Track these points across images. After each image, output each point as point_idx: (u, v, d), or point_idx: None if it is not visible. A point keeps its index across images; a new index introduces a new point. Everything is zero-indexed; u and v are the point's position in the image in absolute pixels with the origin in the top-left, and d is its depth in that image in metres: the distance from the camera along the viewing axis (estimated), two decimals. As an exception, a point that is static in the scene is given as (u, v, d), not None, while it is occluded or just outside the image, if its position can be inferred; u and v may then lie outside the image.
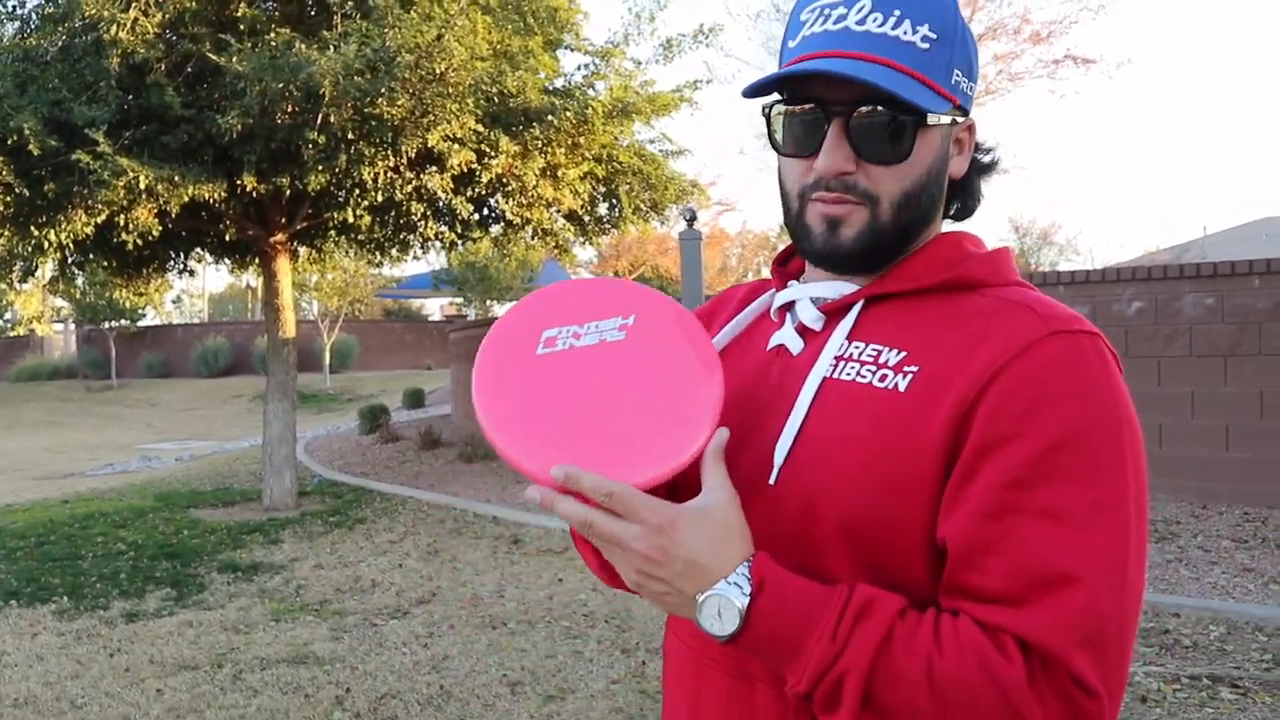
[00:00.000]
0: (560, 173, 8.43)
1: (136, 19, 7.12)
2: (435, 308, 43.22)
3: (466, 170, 7.92)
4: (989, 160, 1.14)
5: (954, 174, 1.09)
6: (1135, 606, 0.91)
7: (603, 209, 9.80)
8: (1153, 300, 7.32)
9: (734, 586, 0.91)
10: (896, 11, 0.99)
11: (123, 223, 7.56)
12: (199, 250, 10.49)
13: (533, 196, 8.49)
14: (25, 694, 4.59)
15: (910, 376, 0.97)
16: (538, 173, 8.17)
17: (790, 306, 1.12)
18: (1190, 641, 4.63)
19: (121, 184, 6.91)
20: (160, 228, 7.80)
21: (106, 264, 9.68)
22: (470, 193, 8.40)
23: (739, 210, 60.96)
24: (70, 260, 9.37)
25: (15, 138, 6.96)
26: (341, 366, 30.30)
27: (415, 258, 11.08)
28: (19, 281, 9.56)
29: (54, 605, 6.12)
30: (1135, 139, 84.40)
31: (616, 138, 8.86)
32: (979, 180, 1.14)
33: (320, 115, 7.09)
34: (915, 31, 0.99)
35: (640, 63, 8.90)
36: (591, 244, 10.38)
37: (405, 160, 7.68)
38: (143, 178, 6.91)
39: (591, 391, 1.00)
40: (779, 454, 1.01)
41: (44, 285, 10.93)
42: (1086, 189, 73.58)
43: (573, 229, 9.84)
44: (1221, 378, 7.04)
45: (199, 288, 50.77)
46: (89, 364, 32.32)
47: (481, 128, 7.65)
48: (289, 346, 9.45)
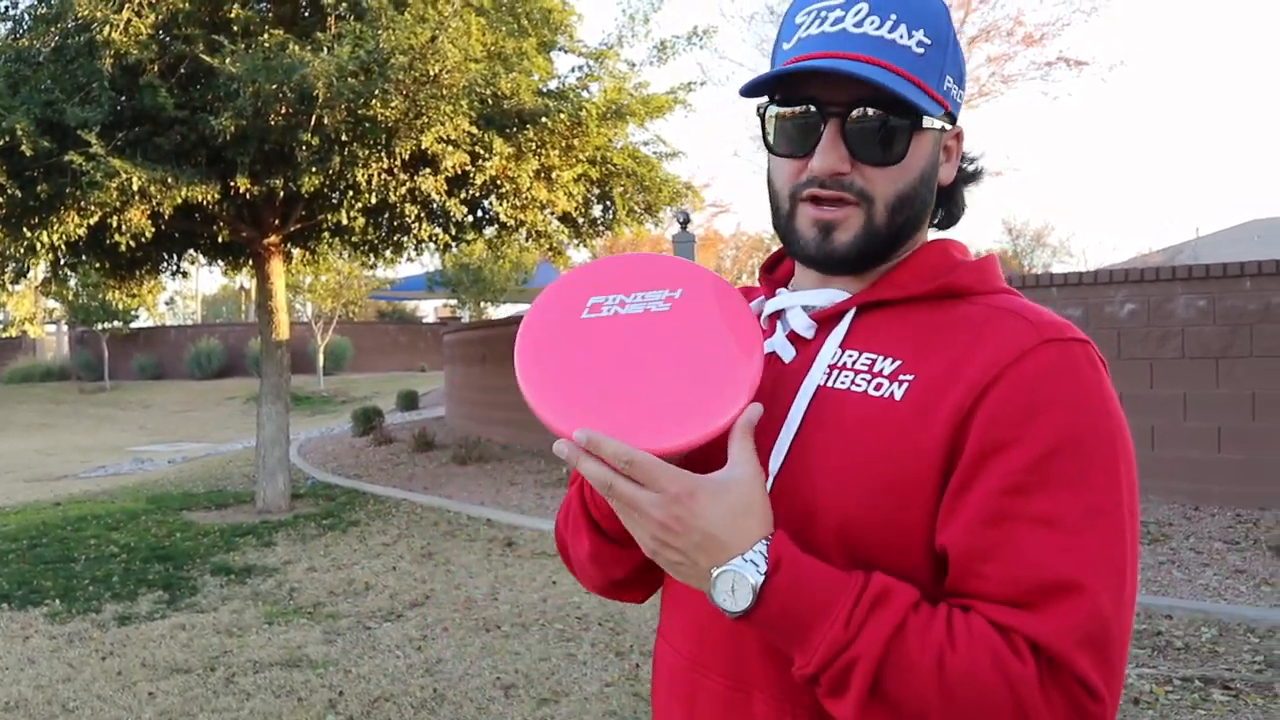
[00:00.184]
0: (554, 175, 8.43)
1: (129, 20, 7.11)
2: (429, 310, 43.22)
3: (460, 172, 7.92)
4: (974, 169, 1.15)
5: (942, 181, 1.10)
6: (1131, 609, 0.92)
7: (597, 211, 9.80)
8: (1145, 302, 7.34)
9: (750, 563, 0.91)
10: (893, 16, 1.00)
11: (115, 224, 7.54)
12: (192, 252, 10.47)
13: (527, 198, 8.49)
14: (16, 697, 4.57)
15: (906, 385, 0.98)
16: (532, 175, 8.17)
17: (780, 314, 1.13)
18: (1182, 643, 4.64)
19: (114, 185, 6.90)
20: (153, 229, 7.78)
21: (99, 265, 9.65)
22: (464, 195, 8.40)
23: (733, 212, 61.04)
24: (63, 262, 9.35)
25: (7, 139, 6.94)
26: (335, 368, 30.27)
27: (409, 260, 11.08)
28: (11, 283, 9.52)
29: (46, 608, 6.10)
30: (1128, 141, 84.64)
31: (611, 140, 8.86)
32: (964, 189, 1.15)
33: (314, 117, 7.08)
34: (911, 36, 1.00)
35: (634, 65, 8.91)
36: (586, 246, 10.38)
37: (399, 162, 7.67)
38: (135, 179, 6.90)
39: (629, 358, 1.02)
40: (774, 462, 1.01)
41: (36, 287, 10.90)
42: (1079, 191, 73.75)
43: (567, 231, 9.84)
44: (1213, 379, 7.06)
45: (192, 289, 50.60)
46: (82, 366, 32.24)
47: (475, 129, 7.65)
48: (283, 348, 9.44)
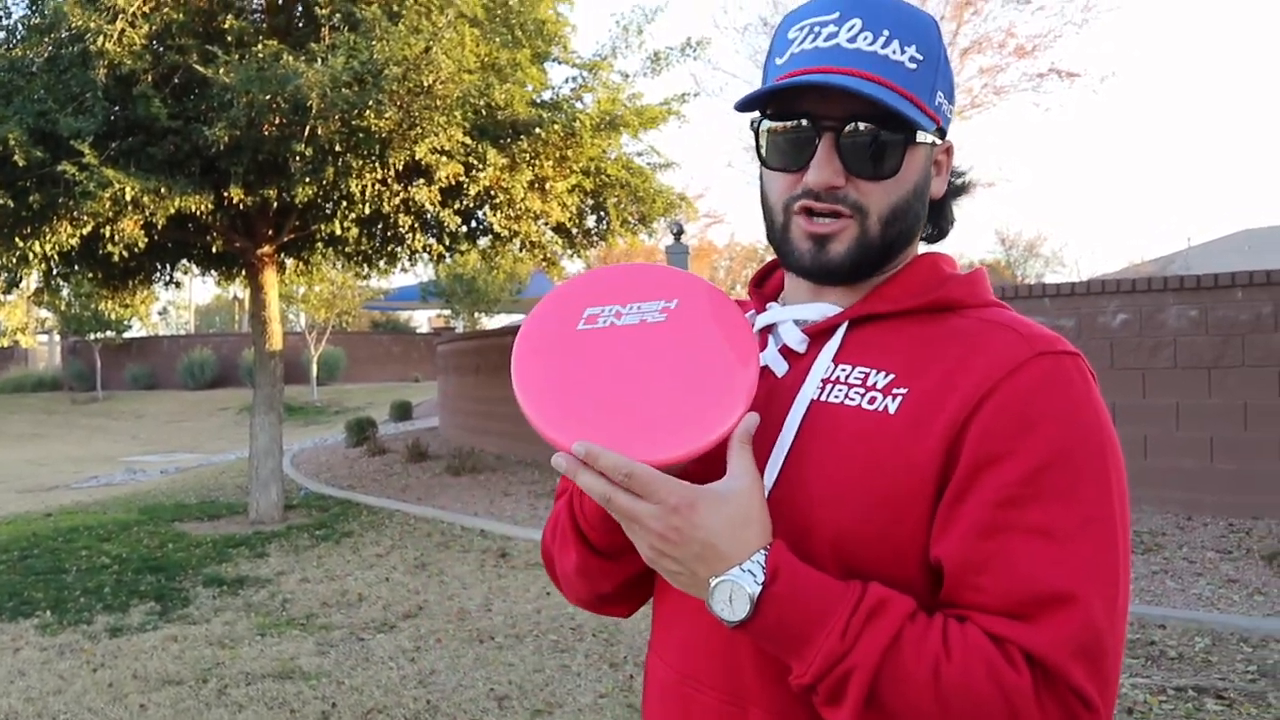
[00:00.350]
0: (548, 185, 8.44)
1: (123, 30, 7.11)
2: (423, 320, 43.12)
3: (454, 183, 7.92)
4: (962, 183, 1.16)
5: (933, 194, 1.11)
6: (1124, 617, 0.93)
7: (591, 222, 9.82)
8: (1137, 312, 7.36)
9: (747, 574, 0.92)
10: (886, 31, 1.01)
11: (108, 234, 7.53)
12: (185, 262, 10.46)
13: (520, 209, 8.50)
14: (6, 710, 4.54)
15: (900, 399, 0.99)
16: (525, 185, 8.18)
17: (772, 328, 1.13)
18: (1176, 653, 4.65)
19: (107, 195, 6.89)
20: (146, 239, 7.77)
21: (92, 275, 9.64)
22: (458, 205, 8.40)
23: (727, 222, 61.09)
24: (55, 272, 9.34)
25: (0, 149, 6.94)
26: (329, 379, 30.21)
27: (403, 270, 11.08)
28: (3, 293, 9.50)
29: (36, 620, 6.07)
30: (1119, 151, 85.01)
31: (604, 150, 8.88)
32: (952, 203, 1.16)
33: (308, 127, 7.09)
34: (904, 52, 1.01)
35: (628, 75, 8.94)
36: (579, 256, 10.39)
37: (393, 172, 7.68)
38: (129, 189, 6.89)
39: (625, 369, 1.02)
40: (768, 476, 1.02)
41: (29, 297, 10.90)
42: (1072, 201, 74.01)
43: (561, 241, 9.85)
44: (1206, 389, 7.07)
45: (185, 299, 50.48)
46: (74, 376, 32.15)
47: (469, 140, 7.66)
48: (276, 359, 9.42)
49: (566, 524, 1.14)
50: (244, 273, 9.98)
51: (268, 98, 6.93)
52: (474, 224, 9.67)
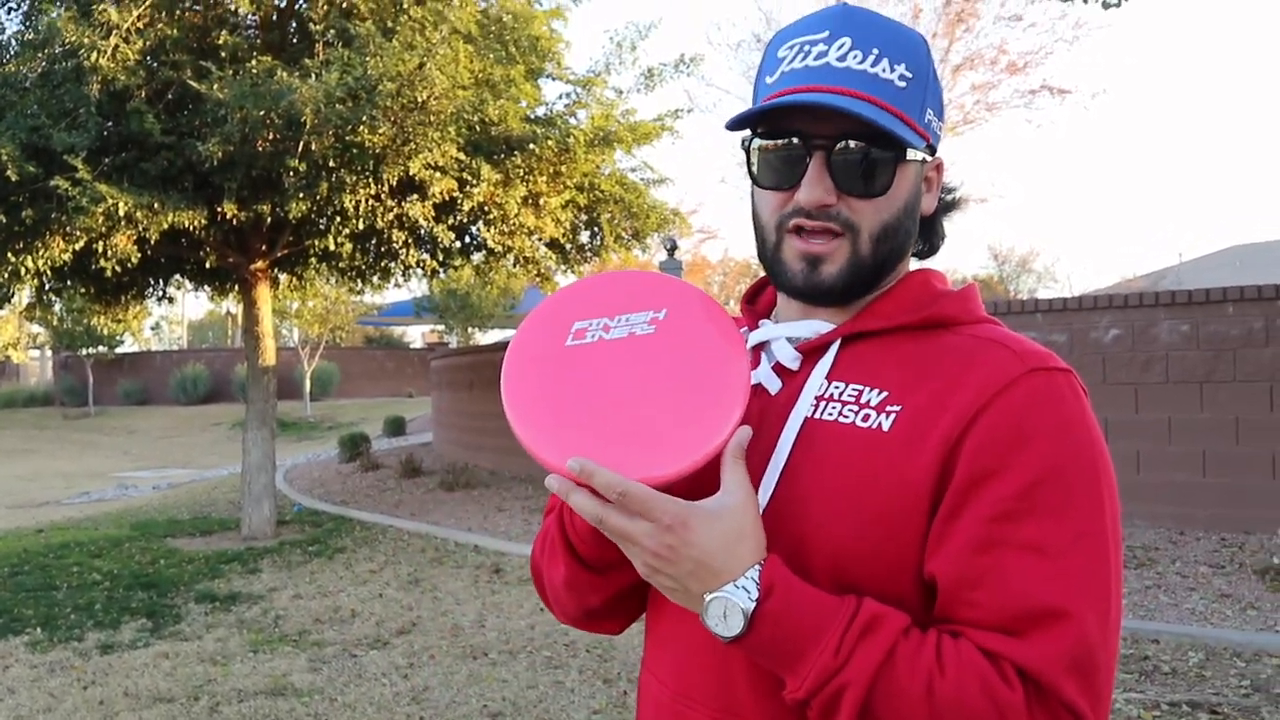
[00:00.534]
0: (542, 201, 8.46)
1: (117, 46, 7.12)
2: (417, 335, 43.11)
3: (448, 198, 7.94)
4: (953, 199, 1.17)
5: (924, 211, 1.11)
6: (1117, 632, 0.94)
7: (584, 237, 9.83)
8: (1129, 328, 7.38)
9: (741, 590, 0.92)
10: (875, 50, 1.01)
11: (101, 249, 7.52)
12: (178, 277, 10.46)
13: (514, 224, 8.51)
14: (-4, 728, 4.52)
15: (893, 416, 0.99)
16: (519, 201, 8.19)
17: (765, 346, 1.13)
18: (1169, 668, 4.64)
19: (100, 211, 6.89)
20: (139, 254, 7.77)
21: (84, 290, 9.63)
22: (452, 221, 8.41)
23: (721, 238, 61.15)
24: (48, 287, 9.32)
25: (-7, 164, 6.93)
26: (322, 394, 30.14)
27: (396, 285, 11.08)
28: (-5, 308, 9.49)
29: (27, 637, 6.03)
30: (1111, 167, 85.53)
31: (598, 166, 8.90)
32: (942, 219, 1.17)
33: (301, 143, 7.10)
34: (893, 70, 1.02)
35: (622, 92, 8.97)
36: (573, 272, 10.41)
37: (387, 188, 7.69)
38: (122, 204, 6.89)
39: (615, 385, 1.01)
40: (763, 494, 1.02)
41: (21, 312, 10.87)
42: (1064, 216, 74.41)
43: (554, 257, 9.86)
44: (1198, 404, 7.10)
45: (178, 314, 50.35)
46: (66, 391, 32.04)
47: (463, 156, 7.67)
48: (269, 374, 9.41)
49: (556, 537, 1.13)
50: (237, 288, 9.98)
51: (261, 113, 6.94)
52: (468, 239, 9.68)
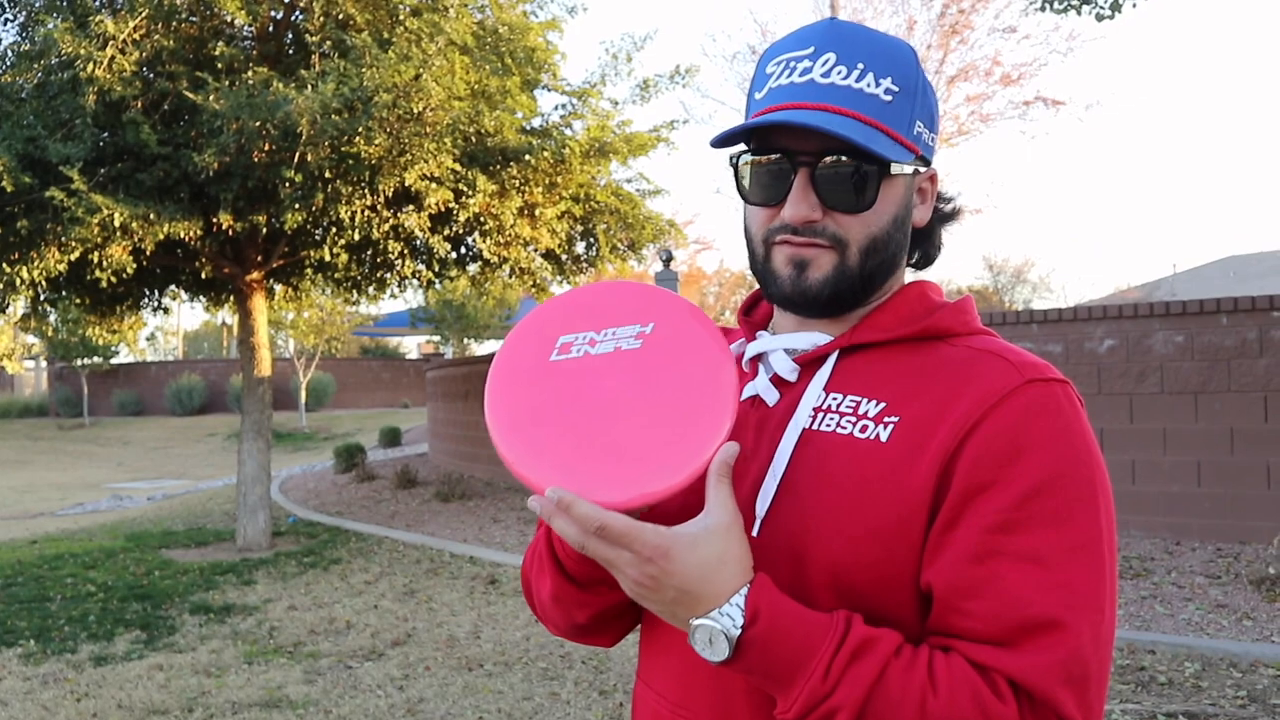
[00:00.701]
0: (538, 212, 8.47)
1: (113, 57, 7.13)
2: (412, 346, 43.08)
3: (444, 209, 7.94)
4: (950, 209, 1.17)
5: (917, 222, 1.11)
6: (1110, 643, 0.94)
7: (580, 248, 9.84)
8: (1124, 338, 7.40)
9: (726, 617, 0.91)
10: (860, 65, 1.02)
11: (97, 260, 7.52)
12: (174, 287, 10.43)
13: (510, 235, 8.52)
14: (-11, 740, 4.49)
15: (891, 427, 0.99)
16: (515, 212, 8.20)
17: (762, 357, 1.13)
18: (1166, 678, 4.64)
19: (96, 221, 6.88)
20: (135, 265, 7.76)
21: (80, 301, 9.61)
22: (448, 231, 8.42)
23: (716, 249, 61.27)
24: (43, 297, 9.30)
25: (-11, 174, 6.93)
26: (317, 405, 30.12)
27: (392, 296, 11.09)
28: (-10, 318, 9.47)
29: (20, 649, 6.00)
30: (1105, 178, 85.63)
31: (594, 177, 8.92)
32: (940, 229, 1.17)
33: (297, 154, 7.10)
34: (879, 84, 1.02)
35: (617, 103, 9.00)
36: (569, 283, 10.41)
37: (382, 199, 7.69)
38: (117, 215, 6.89)
39: (600, 401, 0.99)
40: (761, 505, 1.02)
41: (16, 322, 10.83)
42: (1059, 227, 74.52)
43: (550, 268, 9.86)
44: (1193, 414, 7.11)
45: (173, 325, 50.36)
46: (61, 402, 31.99)
47: (459, 167, 7.68)
48: (264, 384, 9.39)
49: (544, 551, 1.13)
50: (233, 298, 9.97)
51: (257, 124, 6.95)
52: (463, 250, 9.69)
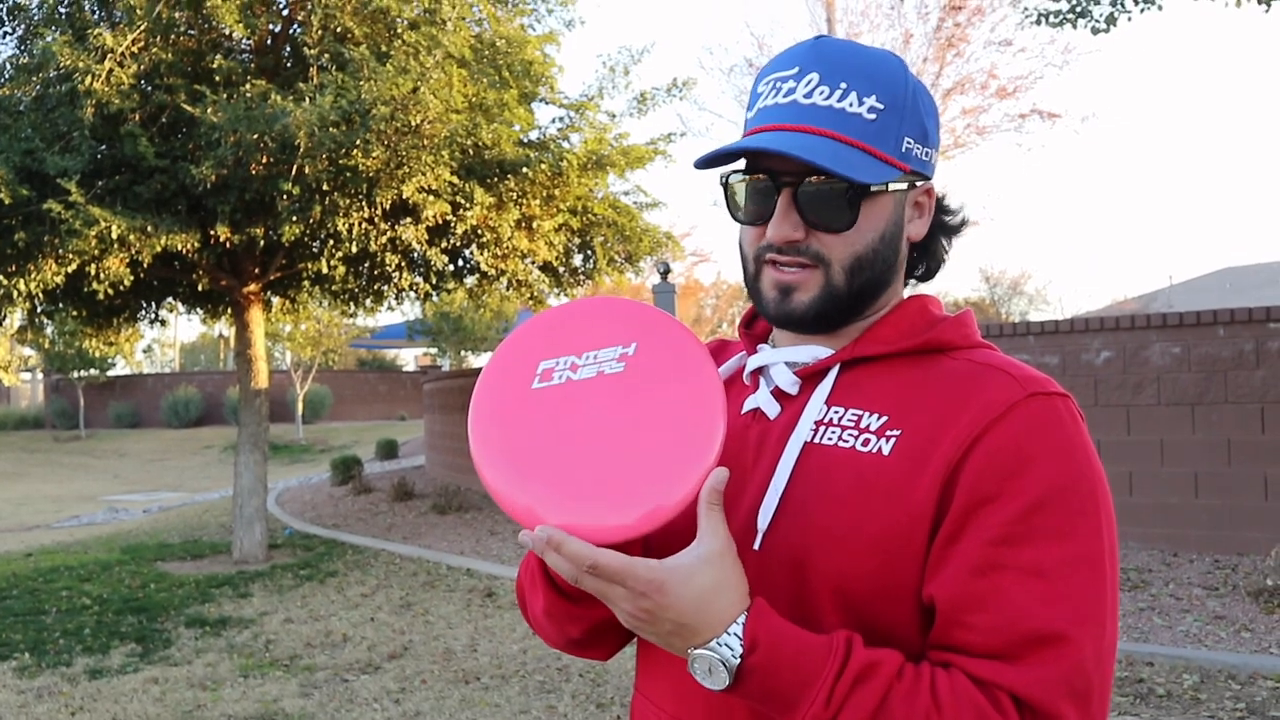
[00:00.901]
0: (535, 224, 8.48)
1: (112, 70, 7.15)
2: (409, 358, 43.10)
3: (441, 222, 7.95)
4: (956, 221, 1.16)
5: (913, 236, 1.11)
6: (1112, 656, 0.94)
7: (578, 260, 9.86)
8: (1121, 350, 7.41)
9: (724, 647, 0.91)
10: (843, 85, 1.02)
11: (94, 272, 7.52)
12: (171, 300, 10.43)
13: (507, 248, 8.53)
14: (-17, 755, 4.47)
15: (893, 440, 0.99)
16: (512, 224, 8.22)
17: (764, 370, 1.13)
18: (1164, 690, 4.63)
19: (93, 233, 6.89)
20: (132, 277, 7.76)
21: (77, 313, 9.60)
22: (445, 244, 8.43)
23: (713, 261, 61.22)
24: (40, 309, 9.30)
25: (-14, 186, 6.93)
26: (314, 417, 30.09)
27: (389, 308, 11.07)
28: (-13, 331, 9.46)
29: (14, 662, 5.98)
30: (1102, 190, 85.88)
31: (591, 190, 8.94)
32: (943, 241, 1.16)
33: (295, 166, 7.11)
34: (862, 103, 1.02)
35: (614, 116, 9.03)
36: (566, 295, 10.42)
37: (380, 211, 7.70)
38: (115, 227, 6.89)
39: (585, 429, 0.97)
40: (763, 519, 1.02)
41: (12, 334, 10.82)
42: (1056, 239, 74.68)
43: (547, 280, 9.88)
44: (1190, 426, 7.11)
45: (170, 337, 50.32)
46: (57, 414, 31.94)
47: (456, 179, 7.70)
48: (261, 397, 9.38)
49: (536, 567, 1.12)
50: (230, 311, 9.96)
51: (255, 137, 6.96)
52: (461, 262, 9.69)
